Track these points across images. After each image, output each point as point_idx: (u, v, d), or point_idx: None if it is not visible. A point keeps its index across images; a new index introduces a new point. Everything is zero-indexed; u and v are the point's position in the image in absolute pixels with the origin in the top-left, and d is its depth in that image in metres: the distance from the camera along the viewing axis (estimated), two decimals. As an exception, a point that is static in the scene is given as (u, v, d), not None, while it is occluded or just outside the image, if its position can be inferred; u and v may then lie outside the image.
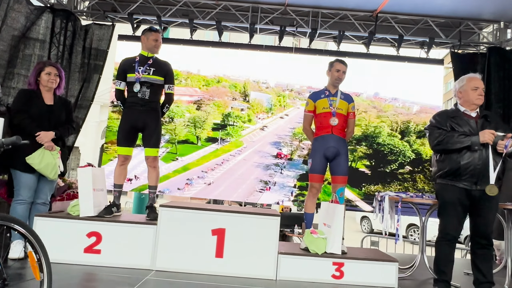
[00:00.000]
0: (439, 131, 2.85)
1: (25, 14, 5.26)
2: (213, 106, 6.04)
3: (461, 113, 2.91)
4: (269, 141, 6.02)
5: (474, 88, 2.87)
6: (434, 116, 3.00)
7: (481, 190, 2.76)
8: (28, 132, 3.10)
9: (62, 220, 3.15)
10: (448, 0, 5.37)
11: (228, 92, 6.09)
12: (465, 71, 5.66)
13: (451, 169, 2.81)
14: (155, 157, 3.41)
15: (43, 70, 3.30)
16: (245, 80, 6.10)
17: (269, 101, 6.13)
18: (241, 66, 6.13)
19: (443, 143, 2.80)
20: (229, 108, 6.06)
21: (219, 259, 3.10)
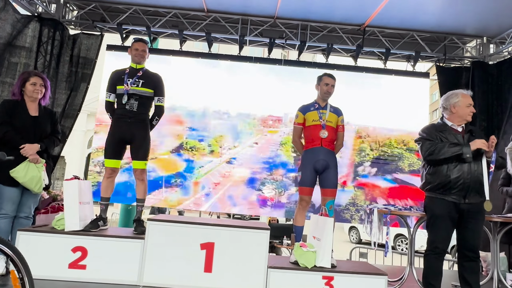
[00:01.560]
0: (430, 142, 2.89)
1: (11, 23, 5.19)
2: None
3: (448, 127, 2.96)
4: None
5: (468, 105, 2.95)
6: (423, 129, 3.05)
7: (469, 204, 2.80)
8: (13, 144, 3.03)
9: (46, 234, 3.06)
10: (433, 15, 5.51)
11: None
12: (450, 84, 5.89)
13: (441, 182, 2.86)
14: (143, 169, 3.37)
15: (28, 80, 3.25)
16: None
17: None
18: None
19: (435, 152, 2.84)
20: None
21: (208, 273, 3.05)
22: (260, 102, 5.99)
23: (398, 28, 5.91)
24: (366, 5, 5.30)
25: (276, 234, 7.17)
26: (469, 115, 2.94)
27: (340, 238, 12.87)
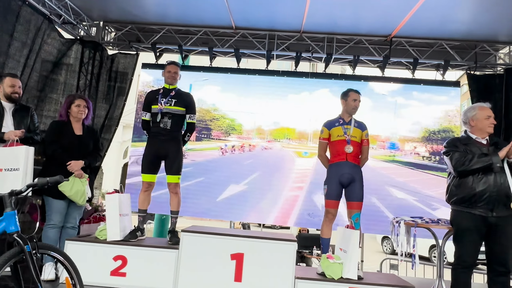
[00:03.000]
0: (460, 152, 2.91)
1: (57, 46, 5.65)
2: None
3: (473, 140, 2.97)
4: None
5: (486, 117, 2.97)
6: (448, 142, 3.07)
7: (497, 217, 2.79)
8: (60, 161, 3.34)
9: (90, 244, 3.34)
10: (462, 24, 5.44)
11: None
12: (482, 92, 5.80)
13: (466, 196, 2.86)
14: (177, 183, 3.59)
15: (73, 102, 3.57)
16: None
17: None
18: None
19: (465, 164, 2.85)
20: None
21: (238, 283, 3.20)
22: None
23: (426, 38, 5.87)
24: (392, 16, 5.33)
25: (306, 244, 7.22)
26: (489, 127, 2.96)
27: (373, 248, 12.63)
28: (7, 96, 3.54)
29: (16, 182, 3.03)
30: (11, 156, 3.17)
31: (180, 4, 5.35)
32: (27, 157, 3.19)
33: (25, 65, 5.01)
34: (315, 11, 5.20)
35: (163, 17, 5.77)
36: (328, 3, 5.00)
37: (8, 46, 4.66)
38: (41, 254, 1.97)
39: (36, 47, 5.16)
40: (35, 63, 5.23)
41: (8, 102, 3.57)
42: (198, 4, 5.27)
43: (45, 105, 5.65)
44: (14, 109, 3.59)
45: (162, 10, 5.58)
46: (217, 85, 6.28)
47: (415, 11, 5.00)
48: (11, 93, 3.54)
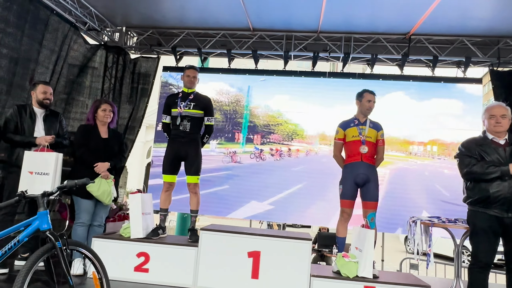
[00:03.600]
0: (468, 159, 2.92)
1: (82, 52, 5.91)
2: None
3: (489, 141, 2.95)
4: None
5: (490, 117, 2.95)
6: (463, 144, 3.06)
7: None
8: (88, 163, 3.55)
9: (115, 241, 3.53)
10: (484, 20, 5.33)
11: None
12: (507, 89, 5.65)
13: (481, 197, 2.87)
14: (196, 183, 3.73)
15: (100, 107, 3.77)
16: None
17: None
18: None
19: (473, 172, 2.88)
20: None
21: (255, 280, 3.31)
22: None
23: (446, 34, 5.78)
24: (411, 14, 5.29)
25: (326, 243, 7.24)
26: (495, 126, 2.92)
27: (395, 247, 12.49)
28: (40, 102, 3.76)
29: (46, 185, 3.25)
30: (42, 161, 3.39)
31: (198, 8, 5.49)
32: (57, 162, 3.41)
33: (54, 71, 5.29)
34: (332, 11, 5.23)
35: (183, 21, 5.93)
36: (344, 2, 5.02)
37: (38, 54, 4.93)
38: (70, 250, 2.14)
39: (63, 53, 5.43)
40: (62, 68, 5.50)
41: (39, 108, 3.79)
42: (216, 7, 5.40)
43: (72, 108, 5.94)
44: (44, 114, 3.82)
45: (181, 15, 5.74)
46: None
47: (434, 8, 4.95)
48: (43, 99, 3.76)
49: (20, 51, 4.57)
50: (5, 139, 3.63)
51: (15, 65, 4.53)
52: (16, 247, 2.09)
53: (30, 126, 3.69)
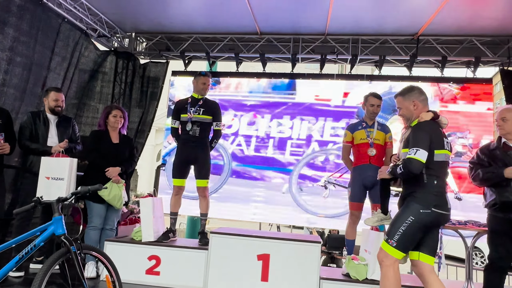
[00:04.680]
0: (475, 166, 3.01)
1: (93, 59, 6.02)
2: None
3: (502, 143, 2.97)
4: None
5: (495, 120, 3.03)
6: (477, 150, 3.14)
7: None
8: (99, 168, 3.62)
9: (127, 244, 3.59)
10: (493, 19, 5.28)
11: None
12: (518, 89, 5.58)
13: (498, 202, 2.91)
14: (205, 187, 3.77)
15: (111, 113, 3.85)
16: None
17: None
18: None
19: (475, 180, 2.99)
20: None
21: (265, 282, 3.33)
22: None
23: (455, 35, 5.74)
24: (418, 15, 5.27)
25: (336, 245, 7.22)
26: (498, 129, 3.00)
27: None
28: (51, 109, 3.86)
29: (61, 190, 3.32)
30: (57, 166, 3.47)
31: (206, 13, 5.56)
32: (71, 168, 3.49)
33: (65, 77, 5.41)
34: (339, 13, 5.24)
35: (191, 26, 6.00)
36: (351, 5, 5.03)
37: (50, 61, 5.04)
38: (84, 254, 2.20)
39: (75, 60, 5.54)
40: (73, 75, 5.62)
41: (52, 115, 3.88)
42: (224, 12, 5.45)
43: (83, 113, 6.05)
44: (57, 120, 3.90)
45: (189, 20, 5.81)
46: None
47: (442, 8, 4.93)
48: (55, 107, 3.84)
49: (33, 58, 4.68)
50: (21, 146, 3.71)
51: (28, 72, 4.65)
52: (32, 251, 2.16)
53: (44, 132, 3.77)
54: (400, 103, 2.64)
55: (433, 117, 2.51)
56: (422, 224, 2.36)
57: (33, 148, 3.69)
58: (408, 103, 2.58)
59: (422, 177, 2.39)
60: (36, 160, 3.67)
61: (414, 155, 2.32)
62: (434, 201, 2.37)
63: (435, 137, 2.42)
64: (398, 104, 2.67)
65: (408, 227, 2.35)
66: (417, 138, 2.38)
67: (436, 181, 2.41)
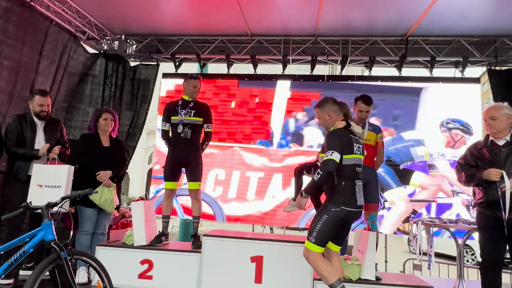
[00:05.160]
0: (460, 168, 3.05)
1: (82, 61, 5.96)
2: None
3: (489, 142, 3.00)
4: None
5: (484, 119, 3.04)
6: (466, 150, 3.17)
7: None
8: (90, 172, 3.58)
9: (119, 249, 3.56)
10: (480, 20, 5.36)
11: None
12: (505, 87, 5.68)
13: (485, 200, 2.93)
14: (197, 189, 3.75)
15: (101, 116, 3.81)
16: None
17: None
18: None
19: (460, 181, 3.04)
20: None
21: (258, 284, 3.33)
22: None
23: (443, 35, 5.81)
24: (407, 16, 5.32)
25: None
26: (487, 128, 3.01)
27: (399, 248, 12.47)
28: (36, 114, 3.73)
29: (56, 197, 3.19)
30: (54, 173, 3.40)
31: (196, 15, 5.54)
32: (69, 175, 3.42)
33: (54, 80, 5.33)
34: (329, 14, 5.26)
35: (181, 28, 5.97)
36: (341, 6, 5.06)
37: (38, 64, 4.97)
38: (75, 259, 2.17)
39: (63, 63, 5.48)
40: (62, 78, 5.54)
41: (38, 119, 3.77)
42: (214, 14, 5.44)
43: (73, 116, 5.98)
44: (45, 124, 3.80)
45: (179, 22, 5.78)
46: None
47: (431, 10, 4.99)
48: (40, 112, 3.72)
49: (20, 61, 4.61)
50: (7, 152, 3.62)
51: (16, 76, 4.57)
52: (21, 258, 2.12)
53: (31, 137, 3.67)
54: (318, 113, 3.00)
55: (345, 125, 2.85)
56: (334, 221, 2.72)
57: (20, 153, 3.59)
58: (324, 114, 2.93)
59: (333, 179, 2.74)
60: (23, 165, 3.60)
61: (330, 156, 2.67)
62: (343, 200, 2.72)
63: (345, 143, 2.77)
64: (316, 114, 3.03)
65: (323, 224, 2.71)
66: (330, 143, 2.75)
67: (344, 182, 2.74)
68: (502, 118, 2.95)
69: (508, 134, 2.96)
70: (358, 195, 2.78)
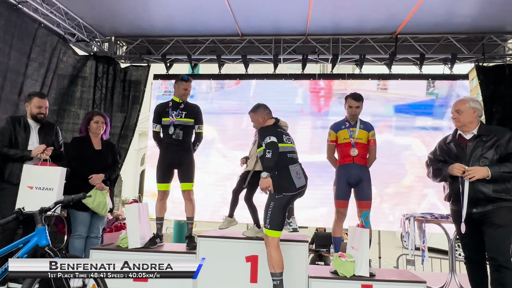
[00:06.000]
0: (430, 163, 3.05)
1: (72, 64, 5.90)
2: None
3: (458, 136, 2.98)
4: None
5: (451, 113, 3.02)
6: (436, 144, 3.15)
7: (478, 213, 2.76)
8: (82, 175, 3.55)
9: (113, 252, 3.54)
10: (468, 17, 5.42)
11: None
12: (492, 84, 5.77)
13: (451, 195, 2.94)
14: (190, 190, 3.75)
15: (92, 119, 3.78)
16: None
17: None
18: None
19: (429, 176, 3.04)
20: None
21: (254, 284, 3.34)
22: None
23: (432, 33, 5.87)
24: (396, 14, 5.36)
25: (324, 243, 7.30)
26: (453, 122, 2.99)
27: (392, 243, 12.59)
28: (33, 116, 3.65)
29: (50, 200, 3.07)
30: (46, 175, 3.32)
31: (186, 16, 5.52)
32: (62, 178, 3.36)
33: (43, 83, 5.27)
34: (319, 13, 5.29)
35: (171, 29, 5.95)
36: (331, 5, 5.08)
37: (26, 67, 4.91)
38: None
39: (53, 66, 5.41)
40: (52, 80, 5.48)
41: (33, 121, 3.68)
42: (204, 14, 5.43)
43: (64, 119, 5.91)
44: (39, 127, 3.71)
45: (169, 23, 5.76)
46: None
47: (419, 7, 5.04)
48: (37, 114, 3.64)
49: (8, 65, 4.55)
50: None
51: (3, 79, 4.51)
52: (15, 264, 2.10)
53: (24, 139, 3.59)
54: (252, 117, 3.40)
55: (275, 122, 3.29)
56: (281, 206, 3.04)
57: (11, 154, 3.49)
58: (257, 117, 3.35)
59: (274, 171, 3.02)
60: (15, 168, 3.51)
61: (269, 140, 3.03)
62: (282, 187, 3.04)
63: (276, 134, 3.10)
64: (251, 118, 3.41)
65: (272, 211, 3.02)
66: (264, 133, 3.11)
67: (279, 171, 3.04)
68: (467, 111, 2.89)
69: (475, 128, 2.89)
70: (296, 179, 3.06)
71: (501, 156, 2.75)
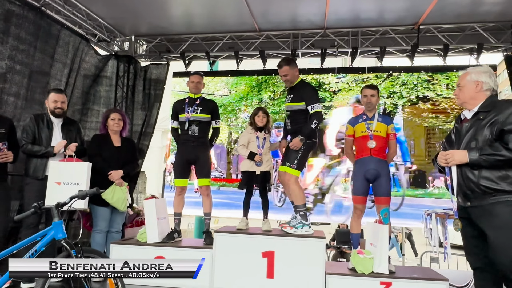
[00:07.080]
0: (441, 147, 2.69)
1: (94, 64, 6.05)
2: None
3: (461, 117, 2.50)
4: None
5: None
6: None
7: (474, 207, 2.29)
8: (102, 172, 3.64)
9: (133, 246, 3.62)
10: (496, 4, 5.18)
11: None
12: (522, 74, 5.48)
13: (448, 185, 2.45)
14: (208, 186, 3.78)
15: (109, 116, 3.87)
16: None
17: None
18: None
19: (435, 167, 2.63)
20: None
21: (270, 279, 3.33)
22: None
23: (456, 22, 5.64)
24: (418, 4, 5.18)
25: (345, 240, 7.18)
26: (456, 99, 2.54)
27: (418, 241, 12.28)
28: (51, 111, 3.73)
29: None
30: (73, 171, 3.42)
31: (204, 13, 5.55)
32: (88, 172, 3.46)
33: (67, 83, 5.44)
34: (337, 6, 5.19)
35: (190, 27, 6.00)
36: (349, -3, 4.99)
37: (50, 68, 5.08)
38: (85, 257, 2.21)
39: (76, 66, 5.57)
40: (75, 80, 5.64)
41: (54, 117, 3.76)
42: (222, 11, 5.44)
43: (87, 118, 6.08)
44: (62, 123, 3.79)
45: (188, 21, 5.81)
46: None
47: (441, -3, 4.86)
48: (55, 108, 3.70)
49: (33, 66, 4.71)
50: (23, 150, 3.63)
51: (29, 80, 4.67)
52: (33, 257, 2.18)
53: (47, 135, 3.67)
54: (288, 71, 3.63)
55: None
56: (309, 151, 3.60)
57: (35, 150, 3.58)
58: (294, 71, 3.67)
59: (306, 118, 3.49)
60: (40, 164, 3.61)
61: (318, 108, 3.52)
62: (313, 133, 3.52)
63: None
64: (285, 72, 3.63)
65: (301, 154, 3.48)
66: (314, 94, 3.63)
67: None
68: (468, 85, 2.40)
69: (477, 105, 2.34)
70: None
71: (496, 135, 2.22)
